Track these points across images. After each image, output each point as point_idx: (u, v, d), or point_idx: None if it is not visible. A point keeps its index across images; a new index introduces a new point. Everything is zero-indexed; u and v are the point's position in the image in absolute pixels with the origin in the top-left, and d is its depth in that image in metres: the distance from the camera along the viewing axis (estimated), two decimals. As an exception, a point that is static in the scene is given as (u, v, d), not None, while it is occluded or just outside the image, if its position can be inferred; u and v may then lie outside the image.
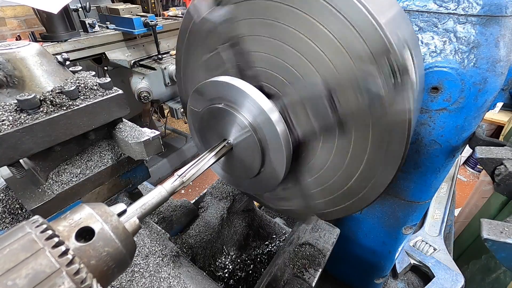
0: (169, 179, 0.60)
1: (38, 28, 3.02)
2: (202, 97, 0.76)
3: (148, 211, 0.52)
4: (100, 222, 0.40)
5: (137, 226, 0.46)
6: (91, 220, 0.39)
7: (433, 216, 1.85)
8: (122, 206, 0.46)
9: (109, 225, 0.40)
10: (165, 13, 3.31)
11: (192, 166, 0.64)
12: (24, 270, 0.31)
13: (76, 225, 0.38)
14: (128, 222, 0.45)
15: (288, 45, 0.61)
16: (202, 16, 0.73)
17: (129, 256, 0.42)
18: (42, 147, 0.65)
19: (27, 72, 0.67)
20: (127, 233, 0.42)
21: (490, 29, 0.62)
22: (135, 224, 0.46)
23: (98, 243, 0.38)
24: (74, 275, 0.33)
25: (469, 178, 3.91)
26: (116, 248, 0.39)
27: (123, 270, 0.42)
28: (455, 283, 1.44)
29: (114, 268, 0.39)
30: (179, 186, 0.60)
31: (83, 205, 0.41)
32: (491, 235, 0.50)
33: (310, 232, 0.98)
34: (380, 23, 0.48)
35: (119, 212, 0.45)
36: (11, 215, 0.79)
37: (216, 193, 1.24)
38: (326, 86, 0.60)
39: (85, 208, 0.41)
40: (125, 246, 0.40)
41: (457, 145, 0.76)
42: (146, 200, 0.53)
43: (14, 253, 0.32)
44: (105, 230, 0.39)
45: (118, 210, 0.45)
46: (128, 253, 0.41)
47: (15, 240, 0.33)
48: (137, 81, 2.78)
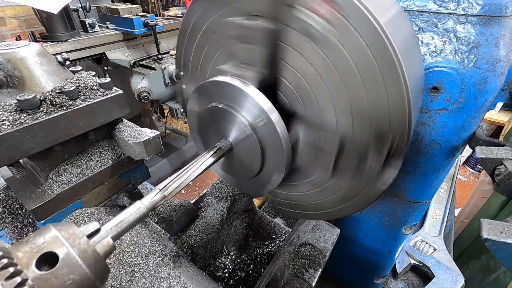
0: (150, 193, 0.55)
1: (38, 28, 3.02)
2: (202, 97, 0.76)
3: (124, 229, 0.48)
4: (65, 246, 0.36)
5: (110, 247, 0.42)
6: (56, 244, 0.35)
7: (433, 216, 1.85)
8: (95, 225, 0.43)
9: (76, 249, 0.36)
10: (165, 13, 3.31)
11: (175, 179, 0.60)
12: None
13: (38, 250, 0.34)
14: (101, 243, 0.42)
15: (324, 82, 0.60)
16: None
17: (100, 282, 0.38)
18: (42, 147, 0.66)
19: (27, 72, 0.67)
20: (97, 257, 0.38)
21: (490, 29, 0.62)
22: (108, 245, 0.42)
23: (62, 270, 0.34)
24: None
25: (469, 178, 3.91)
26: (83, 274, 0.36)
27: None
28: (455, 283, 1.44)
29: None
30: (160, 201, 0.55)
31: (49, 226, 0.38)
32: (491, 235, 0.50)
33: (310, 232, 0.98)
34: (411, 108, 0.50)
35: (90, 233, 0.41)
36: (11, 215, 0.79)
37: (216, 193, 1.24)
38: (340, 143, 0.62)
39: (50, 230, 0.37)
40: (94, 271, 0.37)
41: (457, 145, 0.76)
42: (122, 217, 0.48)
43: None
44: (71, 255, 0.36)
45: (90, 230, 0.42)
46: (98, 278, 0.38)
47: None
48: (137, 81, 2.78)
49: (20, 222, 0.80)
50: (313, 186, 0.75)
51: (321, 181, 0.72)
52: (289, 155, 0.69)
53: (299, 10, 0.56)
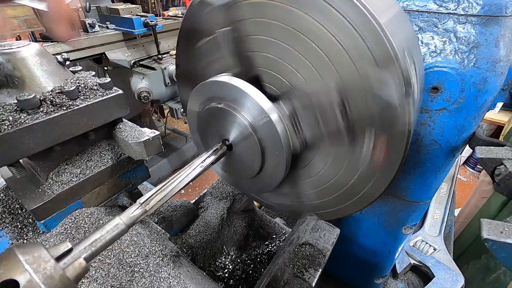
0: (129, 208, 0.52)
1: (38, 28, 3.02)
2: (202, 97, 0.76)
3: (100, 248, 0.44)
4: (28, 272, 0.32)
5: (83, 269, 0.39)
6: (17, 270, 0.32)
7: (433, 216, 1.85)
8: (66, 246, 0.40)
9: (39, 275, 0.33)
10: (165, 13, 3.31)
11: (157, 192, 0.56)
12: None
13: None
14: (72, 265, 0.38)
15: (294, 49, 0.61)
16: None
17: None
18: (42, 147, 0.66)
19: (27, 72, 0.67)
20: (65, 282, 0.35)
21: (490, 29, 0.62)
22: (80, 267, 0.39)
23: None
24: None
25: (469, 178, 3.91)
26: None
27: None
28: (455, 283, 1.44)
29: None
30: (141, 216, 0.52)
31: (13, 249, 0.34)
32: (491, 235, 0.50)
33: (310, 232, 0.98)
34: (384, 30, 0.48)
35: (60, 255, 0.38)
36: (11, 215, 0.79)
37: (216, 193, 1.24)
38: (339, 92, 0.59)
39: (12, 255, 0.33)
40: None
41: (457, 145, 0.76)
42: (98, 235, 0.45)
43: None
44: (34, 282, 0.32)
45: (60, 251, 0.38)
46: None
47: None
48: (137, 81, 2.78)
49: (20, 222, 0.80)
50: (328, 154, 0.69)
51: (343, 153, 0.66)
52: (289, 155, 0.69)
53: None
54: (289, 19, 0.58)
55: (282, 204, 0.92)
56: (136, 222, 0.51)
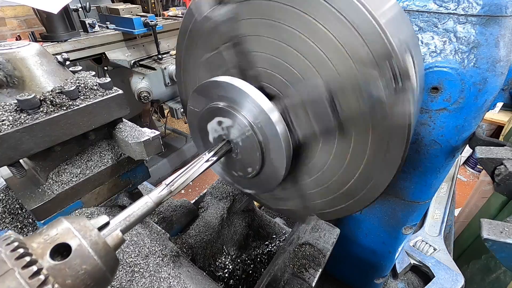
0: (156, 188, 0.57)
1: (38, 28, 3.02)
2: (202, 97, 0.76)
3: (133, 223, 0.49)
4: (78, 237, 0.37)
5: (119, 240, 0.43)
6: (68, 236, 0.36)
7: (433, 216, 1.85)
8: (105, 219, 0.44)
9: (87, 241, 0.37)
10: (165, 13, 3.31)
11: (181, 175, 0.61)
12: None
13: (52, 241, 0.35)
14: (110, 236, 0.42)
15: (290, 46, 0.61)
16: (203, 15, 0.73)
17: (110, 273, 0.39)
18: (42, 147, 0.65)
19: (27, 72, 0.67)
20: (107, 249, 0.39)
21: (490, 29, 0.62)
22: (117, 238, 0.43)
23: (75, 260, 0.35)
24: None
25: (469, 178, 3.91)
26: (95, 265, 0.36)
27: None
28: (455, 283, 1.44)
29: (93, 287, 0.36)
30: (167, 195, 0.57)
31: (61, 219, 0.39)
32: (491, 235, 0.50)
33: (310, 232, 0.98)
34: (382, 26, 0.48)
35: (100, 226, 0.42)
36: (11, 215, 0.79)
37: (216, 193, 1.24)
38: (328, 89, 0.60)
39: (62, 223, 0.38)
40: (105, 262, 0.38)
41: (457, 145, 0.76)
42: (131, 211, 0.50)
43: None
44: (83, 246, 0.36)
45: (100, 223, 0.43)
46: (109, 269, 0.38)
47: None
48: (137, 81, 2.78)
49: (20, 222, 0.80)
50: (327, 151, 0.70)
51: (340, 151, 0.67)
52: (289, 155, 0.69)
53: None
54: (284, 17, 0.59)
55: (282, 203, 0.92)
56: (162, 201, 0.56)
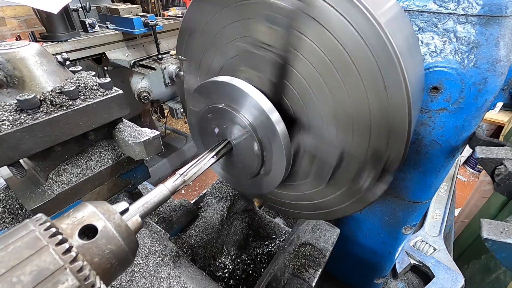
0: (171, 177, 0.60)
1: (38, 28, 3.02)
2: (202, 97, 0.76)
3: (150, 209, 0.52)
4: (103, 220, 0.40)
5: (139, 224, 0.46)
6: (94, 218, 0.39)
7: (433, 216, 1.85)
8: (125, 205, 0.46)
9: (111, 223, 0.40)
10: (165, 13, 3.31)
11: (193, 165, 0.64)
12: (28, 267, 0.31)
13: (79, 223, 0.38)
14: (130, 220, 0.45)
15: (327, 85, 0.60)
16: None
17: (132, 254, 0.42)
18: (42, 147, 0.65)
19: (27, 72, 0.67)
20: (129, 231, 0.42)
21: (490, 29, 0.62)
22: (137, 223, 0.46)
23: (101, 240, 0.38)
24: (78, 272, 0.33)
25: (469, 178, 3.90)
26: (119, 246, 0.39)
27: (125, 268, 0.42)
28: (455, 283, 1.44)
29: (117, 266, 0.39)
30: (181, 184, 0.60)
31: (86, 203, 0.41)
32: (491, 235, 0.50)
33: (310, 232, 0.98)
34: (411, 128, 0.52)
35: (121, 210, 0.45)
36: (11, 215, 0.79)
37: (216, 193, 1.24)
38: (339, 157, 0.64)
39: (88, 206, 0.41)
40: (127, 244, 0.41)
41: (457, 145, 0.76)
42: (148, 198, 0.53)
43: (18, 250, 0.32)
44: (108, 228, 0.39)
45: (121, 209, 0.45)
46: (131, 251, 0.41)
47: (19, 238, 0.33)
48: (137, 81, 2.78)
49: (20, 222, 0.80)
50: (308, 187, 0.77)
51: (315, 185, 0.75)
52: (289, 155, 0.69)
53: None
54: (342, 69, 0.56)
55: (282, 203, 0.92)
56: (177, 190, 0.59)
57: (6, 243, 0.33)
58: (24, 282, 0.30)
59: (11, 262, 0.31)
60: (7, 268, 0.31)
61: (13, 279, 0.30)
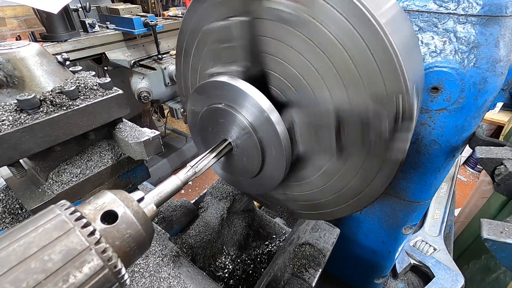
0: (182, 170, 0.63)
1: (38, 28, 3.02)
2: (202, 97, 0.76)
3: (164, 198, 0.55)
4: (122, 206, 0.42)
5: (154, 212, 0.49)
6: (114, 205, 0.42)
7: (433, 216, 1.85)
8: (140, 194, 0.49)
9: (130, 210, 0.42)
10: (165, 13, 3.31)
11: (203, 158, 0.67)
12: (58, 247, 0.34)
13: (101, 208, 0.41)
14: (147, 208, 0.48)
15: (310, 62, 0.60)
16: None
17: (148, 240, 0.44)
18: (42, 147, 0.65)
19: (27, 72, 0.67)
20: (146, 218, 0.44)
21: (490, 29, 0.62)
22: (152, 210, 0.49)
23: (122, 225, 0.41)
24: (102, 253, 0.36)
25: (469, 178, 3.91)
26: (137, 231, 0.42)
27: (143, 252, 0.45)
28: (455, 283, 1.44)
29: (136, 249, 0.42)
30: (192, 176, 0.63)
31: (106, 191, 0.44)
32: (491, 235, 0.50)
33: (310, 232, 0.98)
34: (401, 62, 0.48)
35: (138, 199, 0.47)
36: (11, 215, 0.79)
37: (216, 193, 1.24)
38: (337, 117, 0.61)
39: (107, 194, 0.43)
40: (145, 229, 0.43)
41: (457, 145, 0.76)
42: (162, 188, 0.56)
43: (48, 231, 0.35)
44: (128, 214, 0.42)
45: (137, 197, 0.48)
46: (148, 236, 0.44)
47: (47, 221, 0.36)
48: (137, 81, 2.78)
49: (20, 222, 0.80)
50: (326, 176, 0.72)
51: (332, 168, 0.69)
52: (289, 155, 0.69)
53: (267, 0, 0.58)
54: (309, 32, 0.56)
55: (282, 202, 0.92)
56: (188, 181, 0.62)
57: (36, 225, 0.35)
58: (55, 260, 0.33)
59: (42, 242, 0.34)
60: (39, 247, 0.33)
61: (45, 257, 0.33)
